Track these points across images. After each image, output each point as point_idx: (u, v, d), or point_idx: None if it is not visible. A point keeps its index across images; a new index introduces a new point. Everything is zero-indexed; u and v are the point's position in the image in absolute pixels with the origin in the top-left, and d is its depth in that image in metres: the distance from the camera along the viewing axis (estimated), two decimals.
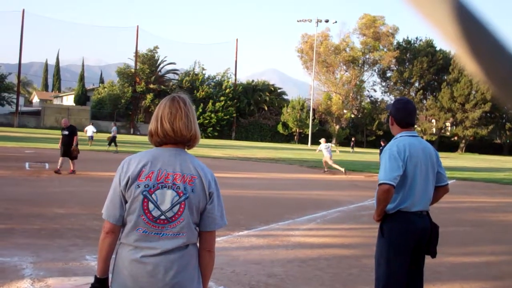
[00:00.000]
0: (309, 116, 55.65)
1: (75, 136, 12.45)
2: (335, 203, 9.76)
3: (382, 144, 17.77)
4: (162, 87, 57.32)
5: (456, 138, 63.01)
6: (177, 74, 63.26)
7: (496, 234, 7.68)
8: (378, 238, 3.11)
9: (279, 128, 58.70)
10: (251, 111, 60.39)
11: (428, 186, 3.07)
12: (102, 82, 76.60)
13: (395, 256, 3.00)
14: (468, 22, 0.53)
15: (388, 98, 65.11)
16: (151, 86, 57.04)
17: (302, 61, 65.12)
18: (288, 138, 58.78)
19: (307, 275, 4.74)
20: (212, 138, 54.98)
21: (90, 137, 24.06)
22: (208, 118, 55.98)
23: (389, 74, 65.67)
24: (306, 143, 52.55)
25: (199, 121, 50.42)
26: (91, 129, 24.37)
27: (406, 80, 63.51)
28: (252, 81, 64.78)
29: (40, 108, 57.24)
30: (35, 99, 77.63)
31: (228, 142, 46.58)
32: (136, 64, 58.11)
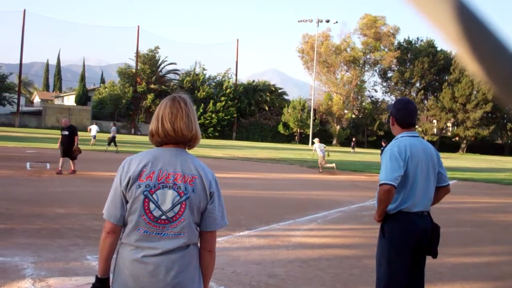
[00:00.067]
0: (310, 116, 55.67)
1: (76, 136, 12.43)
2: (336, 204, 9.76)
3: (383, 144, 17.77)
4: (163, 87, 57.35)
5: (457, 139, 62.94)
6: (178, 74, 63.28)
7: (497, 234, 7.67)
8: (379, 238, 3.11)
9: (280, 128, 58.69)
10: (252, 111, 60.40)
11: (429, 187, 3.06)
12: (103, 82, 76.73)
13: (396, 257, 3.00)
14: (469, 22, 0.53)
15: (389, 99, 65.08)
16: (152, 86, 57.08)
17: (303, 61, 65.16)
18: (289, 139, 58.77)
19: (308, 276, 4.74)
20: (213, 138, 54.99)
21: (94, 136, 24.59)
22: (208, 118, 56.01)
23: (390, 74, 65.62)
24: (307, 143, 52.52)
25: (200, 121, 50.50)
26: (95, 128, 25.04)
27: (407, 80, 63.46)
28: (253, 81, 64.78)
29: (41, 108, 57.29)
30: (36, 99, 77.72)
31: (228, 142, 46.58)
32: (137, 64, 58.16)
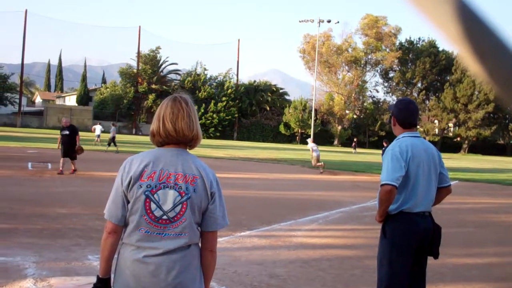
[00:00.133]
0: (311, 116, 55.56)
1: (77, 136, 12.41)
2: (337, 204, 9.75)
3: (385, 144, 17.75)
4: (164, 87, 57.41)
5: (459, 139, 62.85)
6: (179, 75, 63.34)
7: (499, 235, 7.66)
8: (381, 239, 3.11)
9: (281, 128, 58.69)
10: (253, 111, 60.40)
11: (431, 187, 3.06)
12: (104, 82, 76.83)
13: (398, 257, 2.99)
14: (471, 22, 0.52)
15: (391, 99, 64.99)
16: (153, 87, 57.15)
17: (304, 61, 65.17)
18: (290, 139, 58.75)
19: (309, 276, 4.74)
20: (214, 138, 55.01)
21: (98, 135, 24.92)
22: (210, 119, 56.04)
23: (391, 74, 65.58)
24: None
25: (201, 121, 50.52)
26: (99, 128, 25.63)
27: (408, 80, 63.41)
28: (254, 81, 64.80)
29: (42, 108, 57.39)
30: (38, 99, 77.83)
31: (230, 143, 46.59)
32: (138, 65, 58.22)
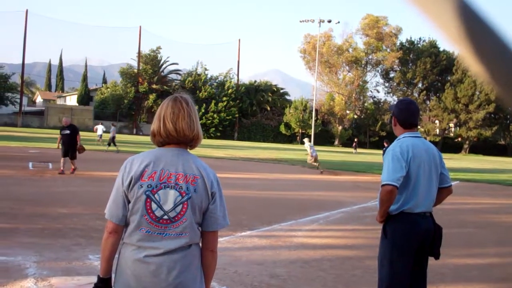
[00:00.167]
0: (311, 116, 55.55)
1: (78, 135, 12.41)
2: (337, 204, 9.75)
3: (385, 145, 17.74)
4: (165, 87, 57.43)
5: (459, 139, 62.80)
6: (179, 75, 63.36)
7: (500, 235, 7.65)
8: (381, 239, 3.10)
9: (282, 128, 58.68)
10: (254, 111, 60.41)
11: (432, 187, 3.06)
12: (105, 82, 76.86)
13: (398, 257, 2.99)
14: (472, 22, 0.52)
15: (391, 99, 64.95)
16: (154, 87, 57.17)
17: (305, 61, 65.13)
18: (290, 139, 58.74)
19: (309, 276, 4.73)
20: (215, 138, 55.01)
21: (100, 135, 25.10)
22: (210, 119, 56.05)
23: (392, 74, 65.53)
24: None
25: (202, 121, 50.51)
26: (101, 128, 25.90)
27: (409, 80, 63.37)
28: (255, 81, 64.80)
29: (43, 108, 57.43)
30: (39, 99, 77.92)
31: (230, 143, 46.59)
32: (139, 65, 58.25)
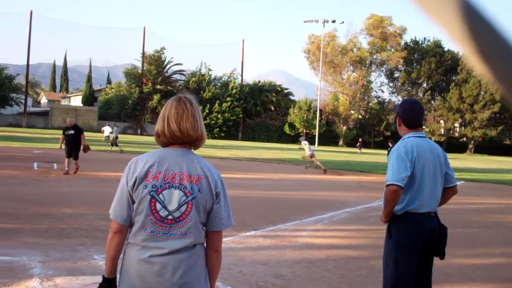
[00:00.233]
0: (316, 116, 55.57)
1: (82, 135, 12.46)
2: (342, 204, 9.73)
3: (390, 145, 17.69)
4: (169, 87, 57.55)
5: (464, 139, 62.50)
6: (183, 75, 63.45)
7: (505, 235, 7.61)
8: (386, 239, 3.10)
9: (286, 128, 58.64)
10: (258, 111, 60.41)
11: (436, 187, 3.05)
12: (109, 82, 77.11)
13: (403, 257, 2.98)
14: (476, 22, 0.52)
15: (396, 99, 64.75)
16: (158, 87, 57.31)
17: (309, 61, 65.05)
18: (294, 139, 58.58)
19: (314, 276, 4.73)
20: (219, 138, 55.05)
21: (107, 137, 25.27)
22: (214, 119, 56.10)
23: (396, 74, 65.32)
24: (313, 144, 52.41)
25: (206, 121, 50.57)
26: (108, 129, 25.95)
27: (414, 80, 63.13)
28: (259, 81, 64.81)
29: (48, 109, 57.71)
30: (43, 100, 78.25)
31: (234, 143, 46.60)
32: (143, 65, 58.41)
